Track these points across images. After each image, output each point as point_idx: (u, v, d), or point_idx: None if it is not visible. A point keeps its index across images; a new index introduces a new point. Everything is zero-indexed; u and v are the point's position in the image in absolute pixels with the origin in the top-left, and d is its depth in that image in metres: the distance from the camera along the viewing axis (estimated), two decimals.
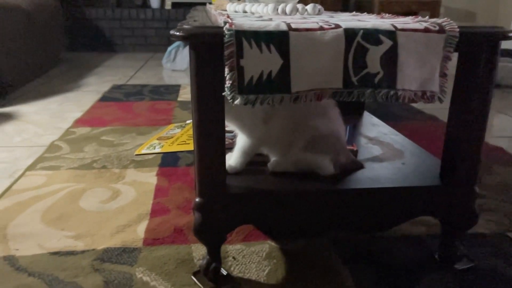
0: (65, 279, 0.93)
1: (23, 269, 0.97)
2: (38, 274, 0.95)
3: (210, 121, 0.81)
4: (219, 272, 0.93)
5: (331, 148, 0.97)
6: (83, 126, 1.99)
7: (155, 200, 1.30)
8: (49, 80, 3.01)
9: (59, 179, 1.43)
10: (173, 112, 2.25)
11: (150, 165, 1.56)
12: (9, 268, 0.97)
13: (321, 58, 0.77)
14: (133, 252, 1.04)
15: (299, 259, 1.01)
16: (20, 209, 1.23)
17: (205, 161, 0.84)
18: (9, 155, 1.65)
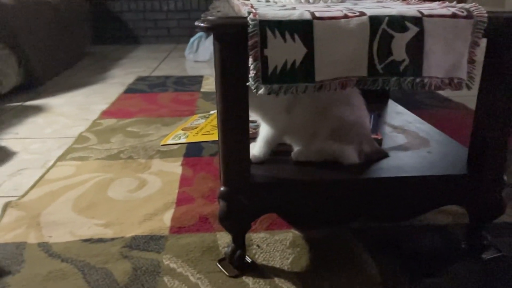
0: (96, 265, 0.97)
1: (56, 255, 1.01)
2: (71, 260, 0.99)
3: (234, 111, 0.82)
4: (244, 260, 0.95)
5: (355, 137, 0.97)
6: (109, 118, 2.04)
7: (180, 190, 1.32)
8: (75, 73, 3.08)
9: (88, 169, 1.47)
10: (196, 103, 2.28)
11: (175, 155, 1.58)
12: (43, 254, 1.02)
13: (345, 47, 0.77)
14: (160, 239, 1.06)
15: (323, 247, 1.02)
16: (52, 198, 1.28)
17: (230, 150, 0.85)
18: (41, 146, 1.71)
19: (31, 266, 0.97)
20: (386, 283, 0.90)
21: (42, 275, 0.94)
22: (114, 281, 0.92)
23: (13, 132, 1.88)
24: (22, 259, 0.99)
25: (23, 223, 1.14)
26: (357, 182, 0.92)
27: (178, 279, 0.92)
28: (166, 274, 0.94)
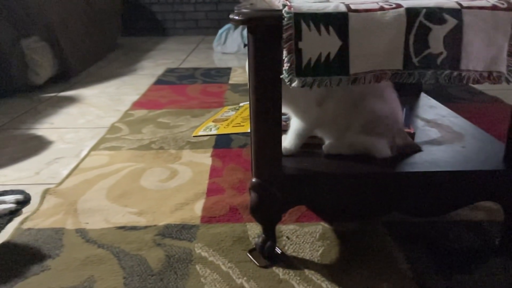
0: (130, 252, 1.00)
1: (93, 241, 1.05)
2: (106, 246, 1.03)
3: (267, 103, 0.82)
4: (274, 251, 0.96)
5: (388, 130, 0.96)
6: (140, 109, 2.08)
7: (210, 180, 1.34)
8: (107, 65, 3.16)
9: (121, 158, 1.52)
10: (225, 94, 2.29)
11: (205, 146, 1.61)
12: (80, 239, 1.06)
13: (381, 39, 0.76)
14: (191, 228, 1.09)
15: (353, 241, 1.02)
16: (87, 186, 1.32)
17: (262, 142, 0.86)
18: (75, 136, 1.77)
19: (70, 250, 1.01)
20: (417, 279, 0.89)
21: (80, 260, 0.98)
22: (148, 268, 0.95)
23: (48, 122, 1.94)
24: (61, 244, 1.04)
25: (61, 210, 1.19)
26: (389, 175, 0.92)
27: (209, 267, 0.95)
28: (198, 262, 0.96)
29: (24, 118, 2.00)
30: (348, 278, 0.90)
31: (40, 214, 1.17)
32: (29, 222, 1.14)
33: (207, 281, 0.90)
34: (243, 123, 1.41)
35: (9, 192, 1.29)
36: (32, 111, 2.09)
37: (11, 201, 1.22)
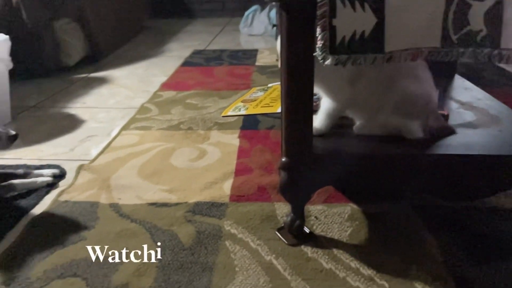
0: (162, 227, 1.03)
1: (126, 216, 1.08)
2: (139, 221, 1.06)
3: (299, 81, 0.82)
4: (302, 230, 0.97)
5: (421, 111, 0.94)
6: (168, 90, 2.10)
7: (239, 160, 1.36)
8: (135, 47, 3.19)
9: (151, 138, 1.55)
10: (252, 76, 2.29)
11: (232, 127, 1.62)
12: (114, 214, 1.09)
13: (418, 16, 0.74)
14: (220, 206, 1.11)
15: (382, 222, 1.02)
16: (119, 164, 1.36)
17: (293, 121, 0.86)
18: (106, 116, 1.81)
19: (104, 223, 1.05)
20: (447, 263, 0.89)
21: (115, 232, 1.01)
22: (179, 243, 0.97)
23: (81, 102, 1.99)
24: (96, 217, 1.08)
25: (95, 185, 1.23)
26: (421, 157, 0.90)
27: (239, 244, 0.96)
28: (227, 239, 0.98)
29: (58, 97, 2.06)
30: (376, 259, 0.90)
31: (75, 188, 1.21)
32: (66, 195, 1.18)
33: (237, 257, 0.92)
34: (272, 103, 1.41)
35: (45, 166, 1.34)
36: (64, 91, 2.15)
37: (48, 174, 1.27)
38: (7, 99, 1.74)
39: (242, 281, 0.86)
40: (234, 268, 0.89)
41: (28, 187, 1.21)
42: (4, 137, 1.09)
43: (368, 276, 0.86)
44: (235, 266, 0.90)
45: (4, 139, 1.09)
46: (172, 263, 0.91)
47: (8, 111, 1.76)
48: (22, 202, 1.15)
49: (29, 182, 1.22)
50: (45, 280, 0.87)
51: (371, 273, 0.86)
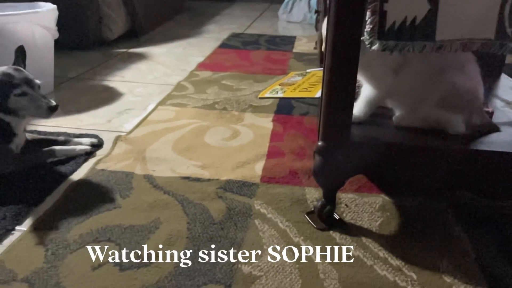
0: (194, 201, 1.05)
1: (159, 187, 1.11)
2: (172, 193, 1.09)
3: (343, 65, 0.81)
4: (332, 216, 0.97)
5: (466, 106, 0.92)
6: (205, 70, 2.12)
7: (271, 143, 1.36)
8: (174, 26, 3.22)
9: (186, 115, 1.57)
10: (288, 62, 2.28)
11: (267, 111, 1.62)
12: (148, 184, 1.12)
13: (474, 5, 0.72)
14: (251, 186, 1.12)
15: (414, 216, 1.00)
16: (155, 137, 1.39)
17: (333, 106, 0.86)
18: (143, 90, 1.85)
19: (138, 193, 1.08)
20: (479, 260, 0.87)
21: (148, 202, 1.04)
22: (210, 217, 0.99)
23: (120, 76, 2.04)
24: (131, 187, 1.11)
25: (131, 156, 1.26)
26: (462, 152, 0.88)
27: (268, 223, 0.97)
28: (257, 217, 0.99)
29: (98, 70, 2.11)
30: (406, 250, 0.89)
31: (112, 158, 1.25)
32: (102, 164, 1.22)
33: (265, 236, 0.93)
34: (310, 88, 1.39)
35: (84, 135, 1.38)
36: (104, 65, 2.20)
37: (87, 143, 1.31)
38: (51, 69, 1.80)
39: (269, 259, 0.87)
40: (262, 246, 0.90)
41: (67, 154, 1.25)
42: (45, 107, 1.13)
43: (396, 266, 0.85)
44: (263, 244, 0.91)
45: (45, 109, 1.13)
46: (202, 236, 0.93)
47: (52, 80, 1.82)
48: (61, 168, 1.20)
49: (69, 149, 1.26)
50: (80, 243, 0.91)
51: (400, 263, 0.86)
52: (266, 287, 0.80)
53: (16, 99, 1.11)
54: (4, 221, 0.97)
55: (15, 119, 1.15)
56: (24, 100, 1.12)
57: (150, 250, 0.89)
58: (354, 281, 0.81)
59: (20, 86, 1.11)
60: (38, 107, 1.13)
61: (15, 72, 1.13)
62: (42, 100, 1.13)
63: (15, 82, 1.11)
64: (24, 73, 1.15)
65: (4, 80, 1.10)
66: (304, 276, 0.82)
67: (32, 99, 1.13)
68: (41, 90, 1.18)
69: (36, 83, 1.16)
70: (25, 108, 1.13)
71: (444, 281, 0.82)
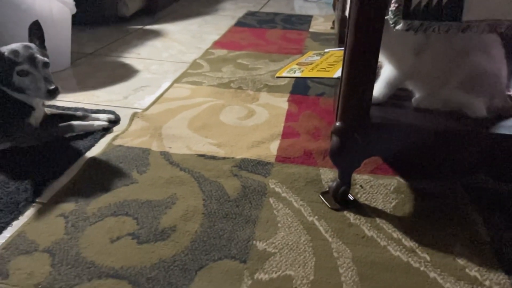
0: (209, 178, 1.06)
1: (175, 164, 1.12)
2: (188, 170, 1.10)
3: (365, 45, 0.80)
4: (347, 196, 0.98)
5: (488, 89, 0.90)
6: (220, 48, 2.11)
7: (286, 124, 1.36)
8: (190, 3, 3.19)
9: (202, 93, 1.57)
10: (305, 42, 2.25)
11: (282, 91, 1.61)
12: (164, 161, 1.14)
13: None
14: (266, 165, 1.13)
15: (429, 198, 1.00)
16: (171, 114, 1.40)
17: (353, 86, 0.85)
18: (159, 68, 1.85)
19: (155, 169, 1.10)
20: (493, 244, 0.87)
21: (165, 178, 1.06)
22: (225, 194, 1.00)
23: (135, 52, 2.04)
24: (148, 163, 1.12)
25: (147, 133, 1.28)
26: (481, 135, 0.87)
27: (282, 202, 0.98)
28: (271, 196, 1.00)
29: (114, 46, 2.11)
30: (420, 232, 0.90)
31: (128, 134, 1.27)
32: (119, 140, 1.23)
33: (280, 214, 0.94)
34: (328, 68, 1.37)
35: (101, 111, 1.40)
36: (120, 41, 2.20)
37: (104, 119, 1.32)
38: (68, 44, 1.81)
39: (283, 236, 0.88)
40: (276, 224, 0.91)
41: (85, 129, 1.27)
42: (44, 90, 1.09)
43: (409, 247, 0.86)
44: (277, 222, 0.92)
45: (44, 91, 1.10)
46: (217, 212, 0.94)
47: (69, 56, 1.83)
48: (79, 143, 1.22)
49: (87, 125, 1.28)
50: (99, 216, 0.93)
51: (413, 245, 0.86)
52: (280, 264, 0.81)
53: (18, 77, 1.09)
54: (25, 193, 0.99)
55: (27, 97, 1.14)
56: (26, 79, 1.10)
57: (167, 224, 0.90)
58: (367, 260, 0.82)
59: (22, 64, 1.09)
60: (38, 89, 1.10)
61: (22, 49, 1.10)
62: (42, 82, 1.10)
63: (18, 60, 1.08)
64: (31, 51, 1.11)
65: (9, 57, 1.08)
66: (318, 254, 0.83)
67: (33, 79, 1.10)
68: (57, 66, 1.17)
69: (41, 61, 1.11)
70: (28, 87, 1.11)
71: (457, 264, 0.82)
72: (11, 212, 0.93)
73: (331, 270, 0.80)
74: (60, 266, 0.79)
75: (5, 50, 1.09)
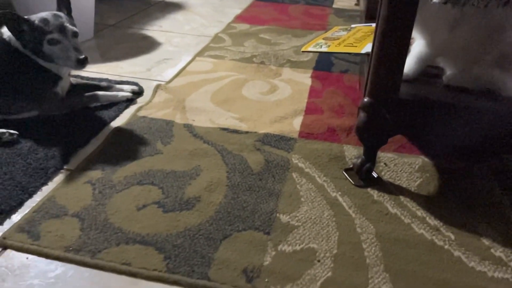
0: (232, 151, 1.07)
1: (199, 136, 1.13)
2: (211, 143, 1.10)
3: (399, 19, 0.78)
4: (371, 173, 0.97)
5: None
6: (242, 23, 2.08)
7: (309, 100, 1.35)
8: None
9: (224, 67, 1.56)
10: (328, 18, 2.21)
11: (305, 67, 1.59)
12: (188, 133, 1.14)
13: None
14: (289, 141, 1.12)
15: (455, 178, 0.99)
16: (193, 88, 1.40)
17: (383, 61, 0.83)
18: (181, 41, 1.84)
19: (179, 141, 1.11)
20: None
21: (189, 150, 1.06)
22: (248, 167, 1.01)
23: (157, 25, 2.03)
24: (172, 134, 1.13)
25: (171, 105, 1.28)
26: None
27: (305, 177, 0.98)
28: (294, 171, 1.00)
29: (136, 18, 2.11)
30: (445, 212, 0.89)
31: (152, 106, 1.27)
32: (143, 111, 1.24)
33: (303, 189, 0.95)
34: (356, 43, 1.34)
35: (125, 82, 1.40)
36: (142, 13, 2.19)
37: (128, 90, 1.33)
38: (92, 15, 1.81)
39: (307, 211, 0.88)
40: (299, 198, 0.92)
41: (110, 99, 1.28)
42: (74, 59, 1.10)
43: (434, 226, 0.85)
44: (300, 196, 0.92)
45: (74, 60, 1.10)
46: (241, 185, 0.95)
47: (92, 27, 1.83)
48: (104, 113, 1.23)
49: (111, 95, 1.29)
50: (125, 184, 0.94)
51: (437, 223, 0.86)
52: (303, 237, 0.82)
53: (49, 46, 1.10)
54: (53, 160, 1.01)
55: (55, 66, 1.15)
56: (56, 48, 1.10)
57: (192, 195, 0.92)
58: (391, 237, 0.82)
59: (52, 33, 1.09)
60: (68, 58, 1.11)
61: (52, 18, 1.11)
62: (72, 51, 1.10)
63: (49, 29, 1.09)
64: (60, 20, 1.12)
65: (40, 26, 1.09)
66: (341, 229, 0.84)
67: (63, 48, 1.11)
68: (80, 37, 1.17)
69: (70, 30, 1.12)
70: (57, 56, 1.11)
71: (482, 243, 0.81)
72: (40, 177, 0.95)
73: (354, 245, 0.80)
74: (89, 231, 0.81)
75: (35, 19, 1.10)
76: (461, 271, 0.76)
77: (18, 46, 1.11)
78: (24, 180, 0.93)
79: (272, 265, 0.75)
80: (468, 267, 0.77)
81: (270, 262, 0.76)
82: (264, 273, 0.74)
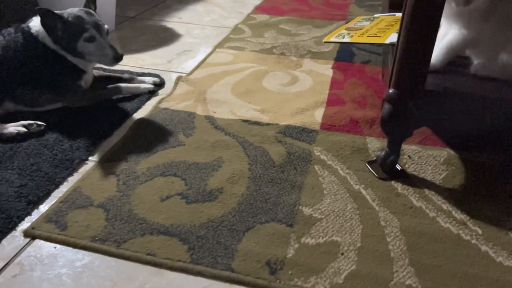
0: (254, 143, 1.07)
1: (220, 128, 1.13)
2: (233, 134, 1.10)
3: (427, 7, 0.76)
4: (395, 166, 0.96)
5: None
6: (262, 14, 2.07)
7: (331, 91, 1.33)
8: None
9: (244, 59, 1.56)
10: (349, 8, 2.17)
11: (326, 57, 1.57)
12: (209, 125, 1.15)
13: None
14: (311, 133, 1.12)
15: (481, 171, 0.97)
16: (214, 79, 1.40)
17: (410, 52, 0.81)
18: (200, 32, 1.84)
19: (201, 132, 1.11)
20: None
21: (210, 142, 1.07)
22: (270, 159, 1.01)
23: (177, 17, 2.04)
24: (193, 126, 1.14)
25: (192, 97, 1.28)
26: None
27: (328, 170, 0.98)
28: (316, 163, 1.00)
29: (156, 10, 2.11)
30: (472, 205, 0.87)
31: (174, 97, 1.28)
32: (165, 103, 1.25)
33: (325, 181, 0.94)
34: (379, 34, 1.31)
35: (147, 74, 1.41)
36: (162, 5, 2.20)
37: (150, 82, 1.34)
38: (113, 7, 1.82)
39: (330, 203, 0.88)
40: (322, 191, 0.91)
41: (132, 91, 1.29)
42: (111, 56, 1.12)
43: (460, 220, 0.84)
44: (323, 189, 0.92)
45: (111, 57, 1.13)
46: (263, 177, 0.95)
47: (113, 20, 1.85)
48: (126, 105, 1.24)
49: (133, 87, 1.30)
50: (149, 176, 0.95)
51: (464, 217, 0.84)
52: (327, 230, 0.81)
53: (84, 43, 1.11)
54: (78, 151, 1.03)
55: (82, 61, 1.17)
56: (91, 45, 1.12)
57: (214, 186, 0.92)
58: (416, 230, 0.81)
59: (89, 30, 1.11)
60: (104, 55, 1.13)
61: (86, 15, 1.12)
62: (108, 49, 1.12)
63: (86, 26, 1.10)
64: (95, 17, 1.14)
65: (76, 23, 1.10)
66: (365, 222, 0.83)
67: (99, 46, 1.12)
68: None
69: (105, 28, 1.15)
70: (92, 53, 1.13)
71: (510, 238, 0.80)
72: (66, 168, 0.97)
73: (379, 238, 0.79)
74: (114, 221, 0.83)
75: (67, 15, 1.10)
76: (489, 266, 0.74)
77: (47, 41, 1.12)
78: (51, 171, 0.95)
79: (295, 258, 0.75)
80: (496, 262, 0.75)
81: (293, 255, 0.76)
82: (288, 265, 0.74)
